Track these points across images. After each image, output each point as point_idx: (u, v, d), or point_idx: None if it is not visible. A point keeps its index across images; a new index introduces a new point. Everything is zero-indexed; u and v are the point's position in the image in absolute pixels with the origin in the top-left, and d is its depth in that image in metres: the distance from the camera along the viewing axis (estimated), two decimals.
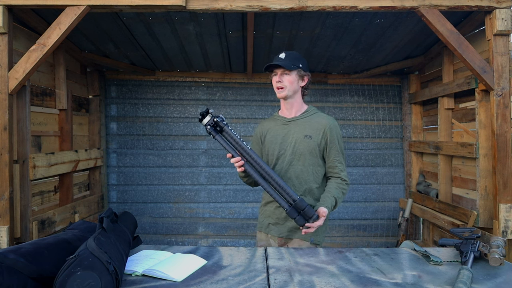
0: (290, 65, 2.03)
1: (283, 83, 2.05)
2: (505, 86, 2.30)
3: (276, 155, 2.10)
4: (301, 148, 2.05)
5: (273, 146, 2.11)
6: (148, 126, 4.07)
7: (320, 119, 2.09)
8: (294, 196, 1.85)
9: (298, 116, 2.12)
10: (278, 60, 2.05)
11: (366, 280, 1.45)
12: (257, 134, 2.24)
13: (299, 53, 2.18)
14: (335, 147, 2.07)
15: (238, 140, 1.92)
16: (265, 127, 2.20)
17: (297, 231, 2.04)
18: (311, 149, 2.05)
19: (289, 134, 2.09)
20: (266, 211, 2.17)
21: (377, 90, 4.15)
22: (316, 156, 2.06)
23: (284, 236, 2.09)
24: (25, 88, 2.38)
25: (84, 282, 1.18)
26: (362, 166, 4.15)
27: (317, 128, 2.06)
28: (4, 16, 2.18)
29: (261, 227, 2.19)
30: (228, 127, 1.92)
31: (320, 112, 2.17)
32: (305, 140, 2.05)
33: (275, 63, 2.03)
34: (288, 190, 1.86)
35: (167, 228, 4.08)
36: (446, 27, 2.27)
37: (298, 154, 2.05)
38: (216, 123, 1.91)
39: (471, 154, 2.72)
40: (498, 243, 1.64)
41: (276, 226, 2.11)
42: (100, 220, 1.49)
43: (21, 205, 2.35)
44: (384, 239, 4.15)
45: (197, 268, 1.57)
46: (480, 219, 2.57)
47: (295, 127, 2.09)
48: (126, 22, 2.82)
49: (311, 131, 2.06)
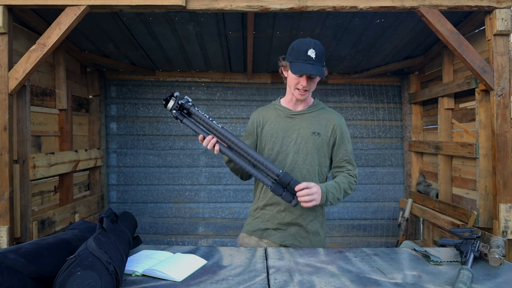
0: (323, 71, 1.80)
1: (309, 86, 1.83)
2: (505, 86, 2.30)
3: (277, 151, 1.90)
4: (308, 146, 1.87)
5: (273, 140, 1.90)
6: (148, 126, 4.07)
7: (329, 115, 1.92)
8: (277, 171, 1.70)
9: (306, 110, 1.93)
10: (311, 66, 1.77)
11: (366, 280, 1.45)
12: (253, 123, 1.99)
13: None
14: (344, 146, 1.92)
15: (208, 120, 1.78)
16: (263, 117, 1.97)
17: (302, 239, 1.90)
18: (319, 147, 1.88)
19: (294, 129, 1.90)
20: (264, 215, 1.93)
21: (377, 90, 4.15)
22: (323, 156, 1.91)
23: (288, 243, 1.89)
24: (25, 88, 2.38)
25: (84, 282, 1.18)
26: (362, 166, 4.15)
27: (326, 124, 1.90)
28: (4, 16, 2.18)
29: (253, 231, 1.95)
30: (195, 109, 1.78)
31: (327, 107, 2.00)
32: (313, 137, 1.87)
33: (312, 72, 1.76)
34: (269, 165, 1.71)
35: (167, 228, 4.08)
36: (446, 27, 2.27)
37: (305, 153, 1.87)
38: (181, 105, 1.77)
39: (471, 154, 2.72)
40: (498, 243, 1.64)
41: (279, 232, 1.90)
42: (100, 220, 1.49)
43: (21, 205, 2.35)
44: (384, 239, 4.15)
45: (197, 268, 1.57)
46: (480, 219, 2.57)
47: (302, 122, 1.90)
48: (126, 22, 2.82)
49: (319, 128, 1.89)
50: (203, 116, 1.78)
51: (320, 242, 1.94)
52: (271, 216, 1.92)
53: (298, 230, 1.89)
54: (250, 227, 1.99)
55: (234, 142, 1.77)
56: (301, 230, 1.90)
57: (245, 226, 2.02)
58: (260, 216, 1.96)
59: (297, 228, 1.89)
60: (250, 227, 1.99)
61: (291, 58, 1.82)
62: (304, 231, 1.90)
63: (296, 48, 1.82)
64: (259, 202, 1.97)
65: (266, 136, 1.93)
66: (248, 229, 1.99)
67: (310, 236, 1.91)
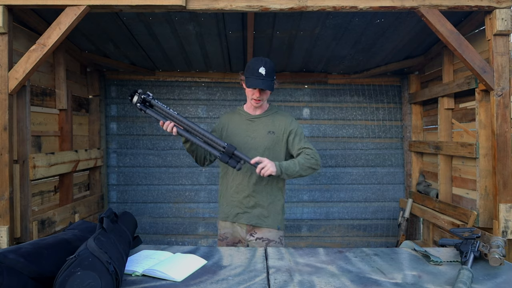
0: (272, 85, 2.24)
1: (262, 96, 2.27)
2: (505, 86, 2.30)
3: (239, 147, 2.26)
4: (265, 143, 2.29)
5: (236, 139, 2.32)
6: (148, 126, 4.07)
7: (280, 117, 2.36)
8: (223, 143, 2.12)
9: (262, 114, 2.38)
10: (261, 81, 2.20)
11: (366, 280, 1.45)
12: (220, 123, 2.45)
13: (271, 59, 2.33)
14: (297, 138, 2.30)
15: (166, 109, 2.15)
16: (228, 120, 2.42)
17: (265, 219, 2.30)
18: (275, 143, 2.31)
19: (253, 129, 2.34)
20: (232, 202, 2.33)
21: (377, 90, 4.15)
22: (279, 151, 2.32)
23: (253, 223, 2.30)
24: (25, 88, 2.38)
25: (84, 282, 1.18)
26: (362, 166, 4.15)
27: (279, 125, 2.33)
28: (4, 16, 2.18)
29: (227, 217, 2.36)
30: (156, 101, 2.17)
31: (280, 110, 2.44)
32: (269, 135, 2.31)
33: (261, 87, 2.20)
34: (215, 139, 2.13)
35: (167, 228, 4.08)
36: (446, 27, 2.27)
37: (263, 148, 2.28)
38: (144, 100, 2.17)
39: (471, 154, 2.72)
40: (498, 243, 1.64)
41: (245, 214, 2.31)
42: (100, 220, 1.49)
43: (21, 205, 2.35)
44: (384, 239, 4.14)
45: (197, 268, 1.57)
46: (480, 219, 2.57)
47: (259, 124, 2.35)
48: (126, 22, 2.82)
49: (273, 128, 2.32)
50: (162, 107, 2.16)
51: (281, 222, 2.37)
52: (239, 202, 2.32)
53: (261, 211, 2.31)
54: (223, 214, 2.39)
55: (188, 125, 2.15)
56: (263, 211, 2.31)
57: (220, 214, 2.43)
58: (230, 202, 2.36)
59: (260, 210, 2.30)
60: (223, 214, 2.39)
61: (247, 74, 2.26)
62: (266, 211, 2.31)
63: (250, 66, 2.25)
64: (224, 186, 2.39)
65: (230, 135, 2.35)
66: (223, 216, 2.40)
67: (272, 215, 2.32)
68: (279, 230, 2.35)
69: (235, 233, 2.36)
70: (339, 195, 4.16)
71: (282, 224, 2.39)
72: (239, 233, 2.34)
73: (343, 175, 4.15)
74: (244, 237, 2.34)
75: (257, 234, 2.31)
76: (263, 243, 2.29)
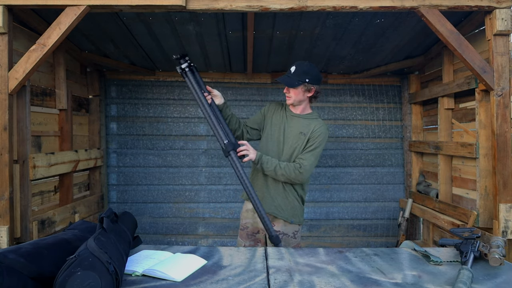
0: (293, 83, 2.39)
1: (289, 94, 2.45)
2: (505, 86, 2.30)
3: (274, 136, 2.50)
4: (294, 140, 2.44)
5: (274, 128, 2.52)
6: (148, 126, 4.07)
7: (314, 123, 2.46)
8: (224, 140, 2.36)
9: (301, 115, 2.51)
10: (284, 76, 2.42)
11: (366, 280, 1.45)
12: (266, 108, 2.65)
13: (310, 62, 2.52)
14: (309, 148, 2.40)
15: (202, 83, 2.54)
16: (275, 109, 2.60)
17: (282, 211, 2.42)
18: (301, 144, 2.43)
19: (289, 125, 2.49)
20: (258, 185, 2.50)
21: (377, 90, 4.15)
22: (299, 150, 2.43)
23: (270, 212, 2.41)
24: (25, 88, 2.38)
25: (84, 282, 1.18)
26: (362, 166, 4.15)
27: (309, 129, 2.44)
28: (4, 16, 2.18)
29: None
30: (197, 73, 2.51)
31: (320, 119, 2.53)
32: (299, 135, 2.44)
33: (279, 80, 2.42)
34: (222, 134, 2.38)
35: (167, 228, 4.08)
36: (446, 27, 2.27)
37: (290, 144, 2.44)
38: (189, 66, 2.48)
39: (471, 154, 2.72)
40: (498, 243, 1.64)
41: (266, 200, 2.44)
42: (100, 220, 1.49)
43: (21, 205, 2.35)
44: (384, 239, 4.14)
45: (197, 268, 1.57)
46: (480, 219, 2.57)
47: (295, 122, 2.49)
48: (126, 22, 2.82)
49: (305, 130, 2.44)
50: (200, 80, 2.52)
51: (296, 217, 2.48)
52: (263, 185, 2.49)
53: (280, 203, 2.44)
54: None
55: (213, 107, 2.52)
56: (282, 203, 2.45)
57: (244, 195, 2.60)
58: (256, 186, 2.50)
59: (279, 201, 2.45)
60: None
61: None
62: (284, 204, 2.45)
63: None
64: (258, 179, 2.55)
65: (271, 123, 2.55)
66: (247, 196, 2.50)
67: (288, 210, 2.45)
68: (293, 224, 2.45)
69: (255, 223, 2.49)
70: (339, 195, 4.16)
71: (298, 219, 2.48)
72: (259, 223, 2.43)
73: (343, 175, 4.15)
74: (263, 227, 2.40)
75: (275, 227, 2.40)
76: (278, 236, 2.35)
